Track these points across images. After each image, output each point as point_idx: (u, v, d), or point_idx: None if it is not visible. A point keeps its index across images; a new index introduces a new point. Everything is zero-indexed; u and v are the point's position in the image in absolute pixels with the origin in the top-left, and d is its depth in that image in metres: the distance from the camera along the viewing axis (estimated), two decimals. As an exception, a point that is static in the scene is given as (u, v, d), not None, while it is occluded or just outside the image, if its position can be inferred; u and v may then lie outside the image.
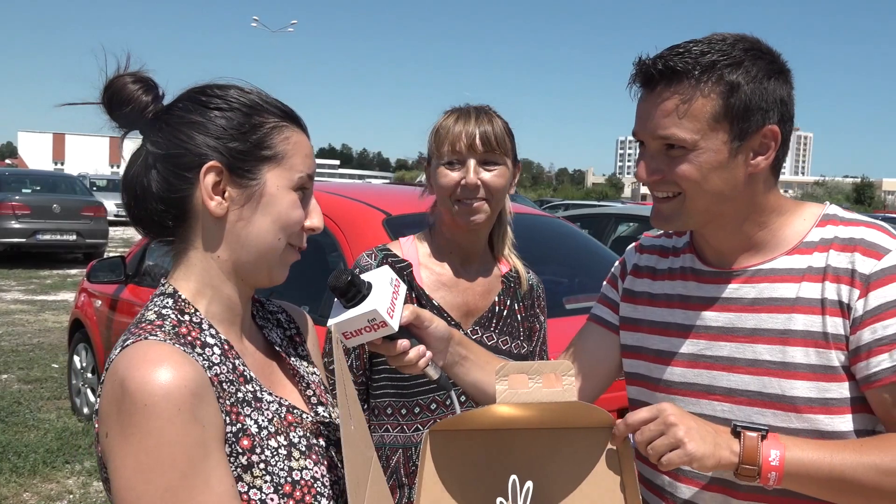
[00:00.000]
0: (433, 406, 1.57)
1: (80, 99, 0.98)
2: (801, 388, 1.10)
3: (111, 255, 6.01)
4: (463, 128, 1.56)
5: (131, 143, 1.02)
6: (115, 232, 18.72)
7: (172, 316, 0.95)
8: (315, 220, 1.02)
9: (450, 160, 1.58)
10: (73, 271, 12.87)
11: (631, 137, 1.23)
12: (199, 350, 0.92)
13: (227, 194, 0.96)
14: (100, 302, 4.83)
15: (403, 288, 1.16)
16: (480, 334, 1.62)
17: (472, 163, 1.56)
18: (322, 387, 1.13)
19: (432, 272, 1.63)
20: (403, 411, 1.58)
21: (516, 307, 1.69)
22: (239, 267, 0.99)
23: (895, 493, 1.03)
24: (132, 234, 19.90)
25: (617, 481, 1.05)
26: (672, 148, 1.12)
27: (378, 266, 1.58)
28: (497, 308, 1.66)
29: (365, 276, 1.11)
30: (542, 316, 1.76)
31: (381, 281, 1.11)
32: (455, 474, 1.05)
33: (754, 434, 1.04)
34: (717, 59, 1.09)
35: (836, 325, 1.10)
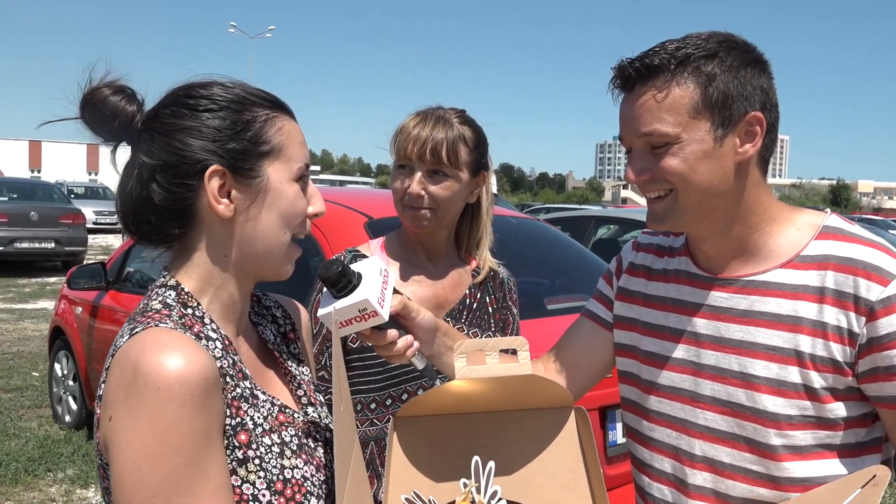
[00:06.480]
0: (405, 396, 1.60)
1: (58, 114, 0.95)
2: (782, 405, 1.09)
3: (90, 262, 6.01)
4: (417, 134, 1.56)
5: (104, 154, 0.99)
6: (93, 239, 18.54)
7: (177, 307, 0.95)
8: (318, 206, 1.02)
9: (402, 164, 1.60)
10: (52, 279, 12.76)
11: (610, 141, 1.23)
12: (203, 343, 0.92)
13: (232, 196, 0.96)
14: (80, 309, 4.82)
15: (392, 278, 1.17)
16: (452, 326, 1.66)
17: (418, 173, 1.56)
18: (312, 386, 1.11)
19: (400, 268, 1.67)
20: (373, 405, 1.61)
21: (487, 300, 1.72)
22: (246, 264, 0.99)
23: None
24: (112, 241, 19.72)
25: (579, 458, 1.06)
26: (657, 145, 1.11)
27: None
28: (468, 301, 1.69)
29: (355, 267, 1.11)
30: (514, 308, 1.78)
31: (371, 271, 1.11)
32: (421, 458, 1.06)
33: None
34: (691, 52, 1.09)
35: (834, 350, 1.07)
